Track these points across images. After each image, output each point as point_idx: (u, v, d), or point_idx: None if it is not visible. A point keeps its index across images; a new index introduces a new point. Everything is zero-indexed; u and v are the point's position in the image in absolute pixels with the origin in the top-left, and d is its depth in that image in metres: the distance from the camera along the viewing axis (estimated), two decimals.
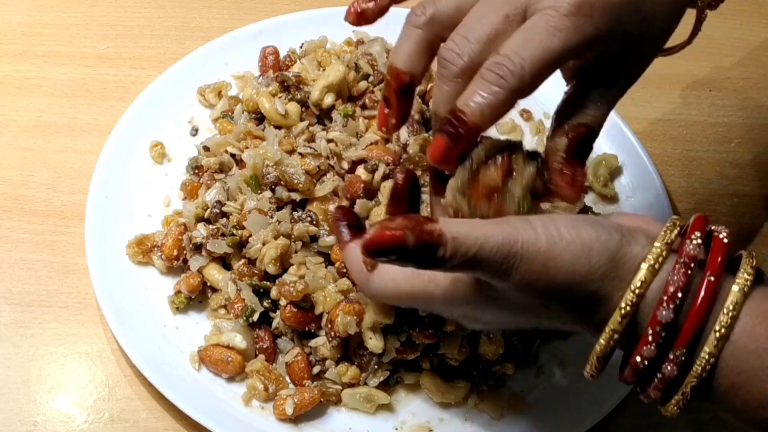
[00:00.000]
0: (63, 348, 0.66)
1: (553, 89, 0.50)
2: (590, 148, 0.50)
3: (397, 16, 0.88)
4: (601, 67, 0.49)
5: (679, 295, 0.41)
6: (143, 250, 0.68)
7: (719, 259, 0.42)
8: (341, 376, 0.63)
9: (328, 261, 0.66)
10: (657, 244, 0.43)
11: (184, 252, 0.67)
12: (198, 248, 0.67)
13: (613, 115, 0.78)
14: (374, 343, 0.61)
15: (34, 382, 0.64)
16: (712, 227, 0.44)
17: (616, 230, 0.44)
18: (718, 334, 0.41)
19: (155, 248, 0.68)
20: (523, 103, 0.71)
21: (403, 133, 0.68)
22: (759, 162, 0.83)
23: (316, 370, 0.64)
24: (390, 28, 0.82)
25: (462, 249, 0.42)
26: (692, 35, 0.59)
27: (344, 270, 0.65)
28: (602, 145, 0.78)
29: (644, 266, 0.42)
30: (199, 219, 0.68)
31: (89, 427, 0.63)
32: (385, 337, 0.61)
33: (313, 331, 0.64)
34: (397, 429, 0.63)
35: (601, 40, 0.47)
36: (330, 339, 0.62)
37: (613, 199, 0.76)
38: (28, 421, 0.63)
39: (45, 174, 0.75)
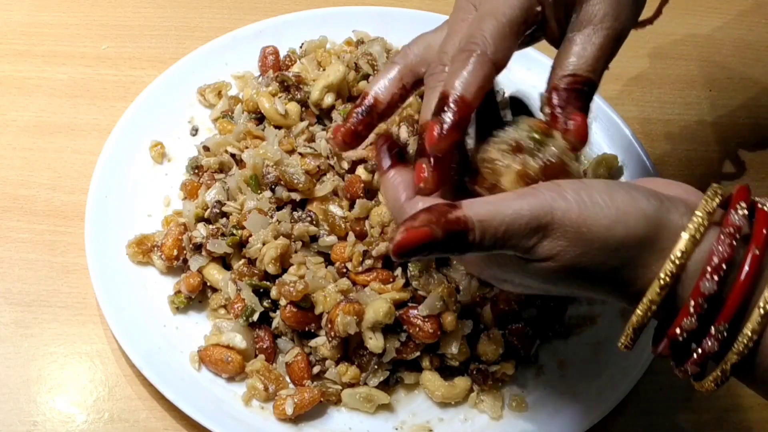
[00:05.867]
0: (63, 348, 0.66)
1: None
2: (589, 97, 0.48)
3: (397, 15, 0.89)
4: (570, 11, 0.49)
5: (724, 266, 0.40)
6: (143, 250, 0.68)
7: (765, 231, 0.41)
8: (341, 376, 0.63)
9: (328, 261, 0.66)
10: (698, 213, 0.41)
11: (184, 252, 0.67)
12: (198, 248, 0.67)
13: (613, 115, 0.79)
14: (374, 343, 0.61)
15: (34, 382, 0.64)
16: (756, 198, 0.43)
17: (653, 196, 0.43)
18: (762, 311, 0.40)
19: (155, 248, 0.68)
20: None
21: (403, 132, 0.68)
22: (759, 162, 0.83)
23: (316, 370, 0.64)
24: (391, 27, 0.82)
25: (490, 230, 0.42)
26: (661, 4, 0.59)
27: (344, 270, 0.65)
28: (602, 145, 0.78)
29: (685, 236, 0.41)
30: (199, 219, 0.68)
31: (89, 427, 0.63)
32: (385, 337, 0.62)
33: (313, 331, 0.64)
34: (397, 429, 0.63)
35: None
36: (330, 339, 0.62)
37: None
38: (28, 421, 0.63)
39: (45, 174, 0.75)
